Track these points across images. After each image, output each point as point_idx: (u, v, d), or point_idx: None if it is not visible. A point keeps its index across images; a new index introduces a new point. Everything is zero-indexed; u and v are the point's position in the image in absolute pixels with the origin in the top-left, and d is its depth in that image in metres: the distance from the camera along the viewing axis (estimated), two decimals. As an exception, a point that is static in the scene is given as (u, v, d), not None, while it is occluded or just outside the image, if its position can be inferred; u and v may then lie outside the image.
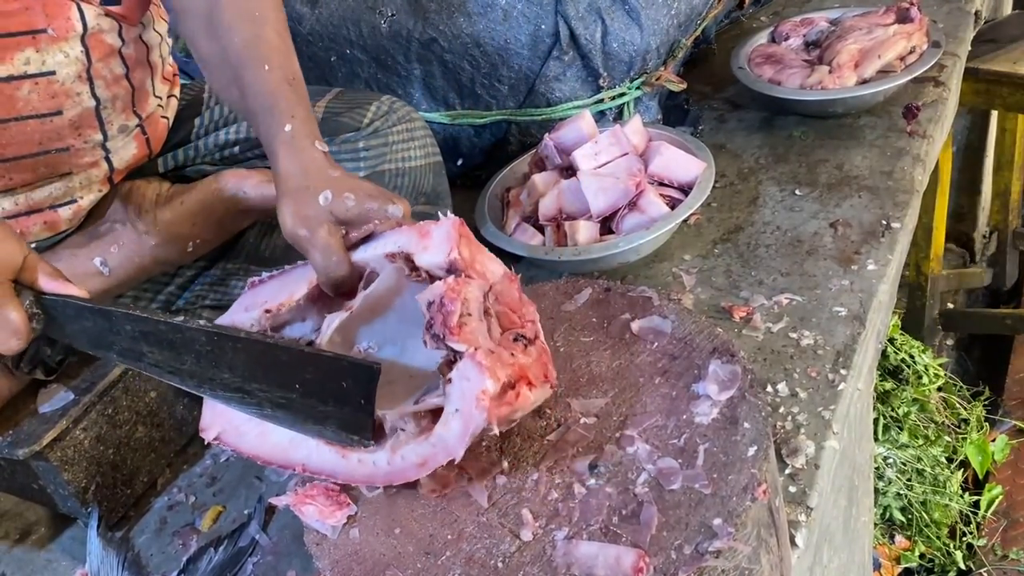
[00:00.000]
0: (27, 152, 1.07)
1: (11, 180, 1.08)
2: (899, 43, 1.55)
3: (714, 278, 1.30)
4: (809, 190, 1.45)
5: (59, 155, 1.10)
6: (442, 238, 0.86)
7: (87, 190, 1.15)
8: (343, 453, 0.85)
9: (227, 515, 1.16)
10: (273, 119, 0.97)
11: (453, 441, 0.79)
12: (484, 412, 0.77)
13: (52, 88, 1.05)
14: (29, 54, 1.02)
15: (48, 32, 1.03)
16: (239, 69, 1.02)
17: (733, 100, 1.76)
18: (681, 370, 0.88)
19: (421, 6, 1.56)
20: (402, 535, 0.80)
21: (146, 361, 0.85)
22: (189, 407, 1.29)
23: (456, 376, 0.80)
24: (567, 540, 0.75)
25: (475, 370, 0.79)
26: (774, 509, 0.80)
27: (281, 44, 1.05)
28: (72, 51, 1.06)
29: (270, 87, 0.99)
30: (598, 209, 1.30)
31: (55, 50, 1.04)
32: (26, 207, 1.12)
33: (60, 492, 1.15)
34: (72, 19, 1.05)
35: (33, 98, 1.04)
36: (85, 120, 1.10)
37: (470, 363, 0.79)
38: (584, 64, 1.54)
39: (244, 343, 0.83)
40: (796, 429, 1.04)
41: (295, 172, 0.93)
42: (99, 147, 1.14)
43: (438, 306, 0.82)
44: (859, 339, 1.15)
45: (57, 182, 1.12)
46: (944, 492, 2.05)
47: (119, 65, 1.13)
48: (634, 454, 0.81)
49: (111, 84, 1.12)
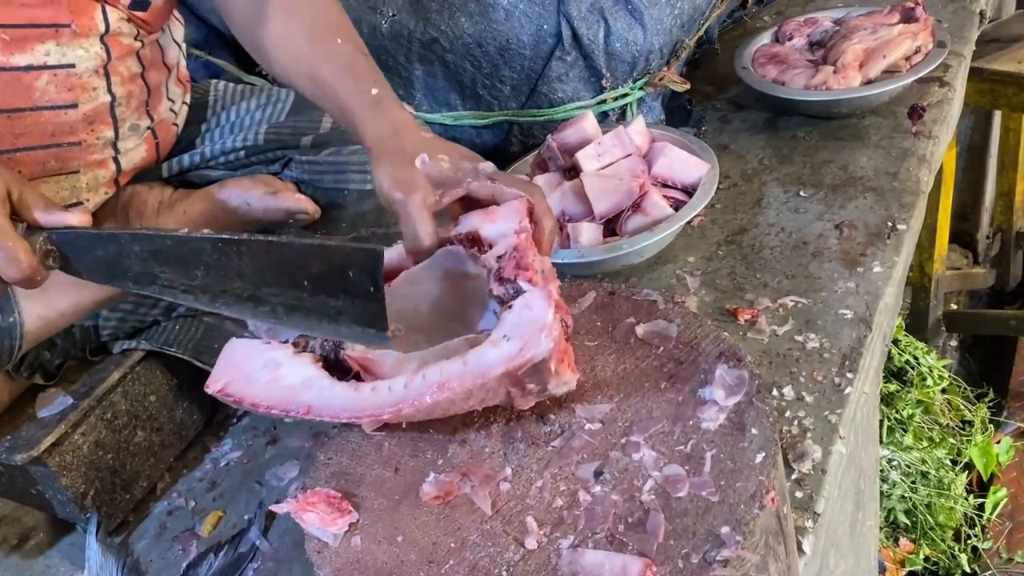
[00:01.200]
0: (39, 143, 1.07)
1: (19, 172, 1.07)
2: (904, 43, 1.54)
3: (718, 280, 1.29)
4: (814, 191, 1.43)
5: (70, 149, 1.09)
6: (511, 210, 0.90)
7: (94, 192, 1.15)
8: (356, 387, 0.84)
9: (227, 520, 1.15)
10: (357, 85, 1.00)
11: (493, 363, 0.78)
12: (552, 336, 0.77)
13: (70, 80, 1.05)
14: (50, 47, 1.03)
15: (71, 28, 1.03)
16: (310, 45, 1.05)
17: (736, 100, 1.74)
18: (687, 375, 0.87)
19: (422, 6, 1.55)
20: (405, 543, 0.79)
21: (160, 283, 0.85)
22: (189, 411, 1.28)
23: (519, 304, 0.81)
24: (572, 548, 0.74)
25: (542, 301, 0.79)
26: (782, 516, 0.79)
27: (344, 19, 1.09)
28: (92, 47, 1.06)
29: (346, 56, 1.03)
30: (601, 211, 1.29)
31: (75, 45, 1.04)
32: None
33: (59, 497, 1.14)
34: (96, 18, 1.05)
35: (50, 89, 1.04)
36: (99, 116, 1.10)
37: (537, 293, 0.80)
38: (587, 64, 1.53)
39: (248, 244, 0.83)
40: (802, 433, 1.03)
41: (388, 135, 0.95)
42: (110, 145, 1.14)
43: (511, 252, 0.85)
44: (865, 342, 1.14)
45: (64, 180, 1.11)
46: (949, 495, 2.04)
47: (136, 64, 1.13)
48: (640, 461, 0.80)
49: (127, 81, 1.12)
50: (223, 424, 1.32)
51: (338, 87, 1.01)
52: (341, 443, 0.92)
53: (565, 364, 0.82)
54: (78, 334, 1.19)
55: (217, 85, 1.36)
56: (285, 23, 1.07)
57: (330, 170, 1.23)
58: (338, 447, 0.92)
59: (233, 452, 1.25)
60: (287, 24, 1.07)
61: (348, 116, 1.00)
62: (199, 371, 1.22)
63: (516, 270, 0.85)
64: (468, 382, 0.79)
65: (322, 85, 1.03)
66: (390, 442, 0.90)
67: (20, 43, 1.01)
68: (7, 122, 1.03)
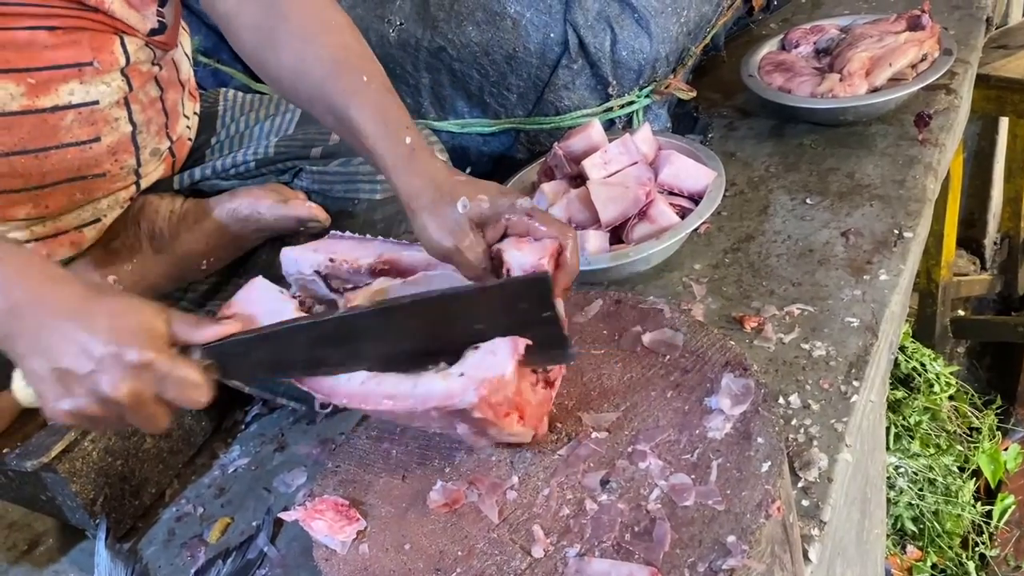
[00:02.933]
0: (65, 178, 1.08)
1: (47, 208, 1.09)
2: (911, 51, 1.54)
3: (724, 288, 1.29)
4: (820, 199, 1.44)
5: (95, 180, 1.11)
6: (540, 247, 0.88)
7: (113, 209, 1.17)
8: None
9: (235, 527, 1.15)
10: (388, 132, 0.94)
11: (431, 394, 0.79)
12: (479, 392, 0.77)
13: (93, 116, 1.06)
14: (74, 86, 1.04)
15: (94, 65, 1.04)
16: (329, 82, 0.96)
17: (743, 108, 1.75)
18: (693, 384, 0.87)
19: (430, 15, 1.56)
20: (412, 551, 0.80)
21: (328, 365, 0.83)
22: (197, 418, 1.29)
23: (485, 347, 0.81)
24: (579, 557, 0.75)
25: (507, 350, 0.79)
26: (788, 525, 0.80)
27: (366, 51, 1.01)
28: (114, 82, 1.07)
29: (374, 98, 0.95)
30: (608, 218, 1.29)
31: (98, 81, 1.05)
32: (54, 230, 1.13)
33: (68, 504, 1.14)
34: (116, 52, 1.06)
35: (75, 126, 1.05)
36: (122, 146, 1.11)
37: (506, 343, 0.80)
38: (593, 72, 1.54)
39: (411, 307, 0.82)
40: (809, 442, 1.03)
41: (425, 186, 0.91)
42: (132, 172, 1.15)
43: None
44: (872, 350, 1.14)
45: (87, 206, 1.13)
46: (956, 502, 2.03)
47: (154, 88, 1.14)
48: (646, 469, 0.80)
49: (147, 108, 1.13)
50: (231, 431, 1.33)
51: (367, 132, 0.94)
52: (349, 451, 0.93)
53: (512, 419, 0.81)
54: (87, 342, 1.20)
55: (226, 94, 1.37)
56: (301, 53, 0.98)
57: (340, 180, 1.23)
58: (346, 455, 0.92)
59: (241, 459, 1.26)
60: (304, 54, 0.98)
61: (379, 163, 0.95)
62: (208, 378, 1.23)
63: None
64: (409, 404, 0.79)
65: (349, 126, 0.95)
66: (397, 450, 0.91)
67: (45, 86, 1.01)
68: (34, 162, 1.04)
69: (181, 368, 0.76)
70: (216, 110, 1.33)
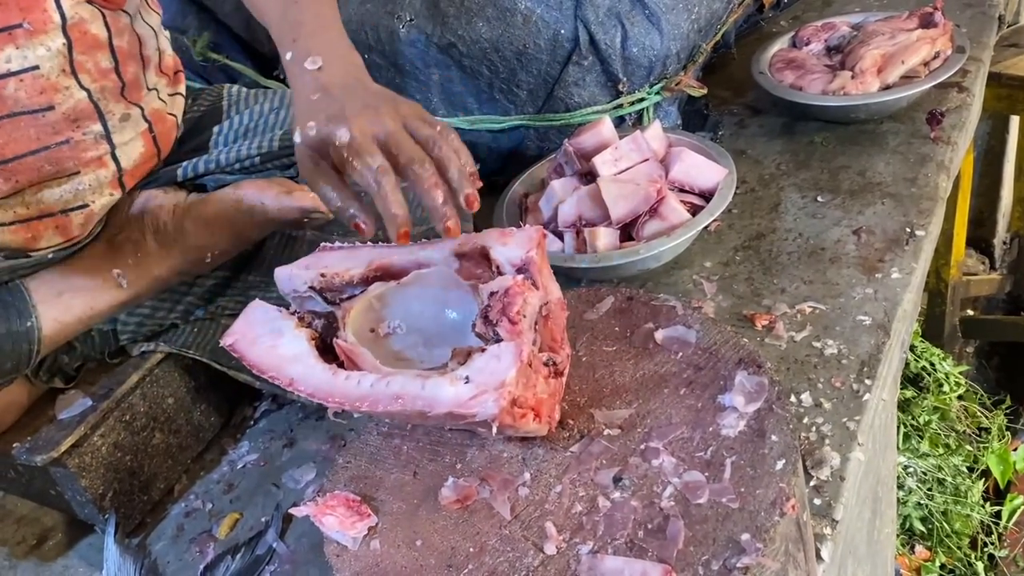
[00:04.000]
0: (27, 150, 1.04)
1: (17, 182, 1.06)
2: (923, 48, 1.53)
3: (735, 286, 1.29)
4: (831, 197, 1.43)
5: (59, 149, 1.07)
6: (524, 237, 0.88)
7: (98, 193, 1.13)
8: (334, 371, 0.85)
9: (244, 522, 1.15)
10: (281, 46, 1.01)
11: (443, 400, 0.78)
12: (498, 404, 0.77)
13: (39, 83, 1.02)
14: (9, 52, 0.99)
15: (24, 26, 0.99)
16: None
17: (753, 105, 1.74)
18: (707, 381, 0.87)
19: (439, 11, 1.55)
20: (424, 547, 0.79)
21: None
22: (206, 413, 1.29)
23: (491, 352, 0.80)
24: (592, 554, 0.74)
25: (511, 356, 0.79)
26: (802, 523, 0.79)
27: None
28: (54, 44, 1.02)
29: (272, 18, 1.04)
30: (618, 216, 1.29)
31: (35, 44, 1.01)
32: (37, 211, 1.10)
33: (77, 499, 1.14)
34: (48, 10, 1.01)
35: (21, 95, 1.01)
36: (81, 112, 1.07)
37: (510, 348, 0.79)
38: (603, 69, 1.53)
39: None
40: (820, 440, 1.03)
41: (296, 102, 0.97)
42: (103, 139, 1.11)
43: (502, 295, 0.83)
44: (884, 348, 1.14)
45: (66, 183, 1.10)
46: (965, 502, 2.03)
47: (107, 59, 1.09)
48: (659, 467, 0.80)
49: (97, 78, 1.09)
50: (240, 426, 1.33)
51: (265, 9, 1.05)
52: (360, 446, 0.92)
53: (528, 418, 0.81)
54: (97, 338, 1.20)
55: (231, 89, 1.36)
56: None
57: None
58: (356, 450, 0.92)
59: (250, 454, 1.26)
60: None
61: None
62: (217, 373, 1.23)
63: (501, 315, 0.83)
64: (419, 405, 0.79)
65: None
66: (408, 446, 0.91)
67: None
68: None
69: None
70: (220, 105, 1.32)
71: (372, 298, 0.93)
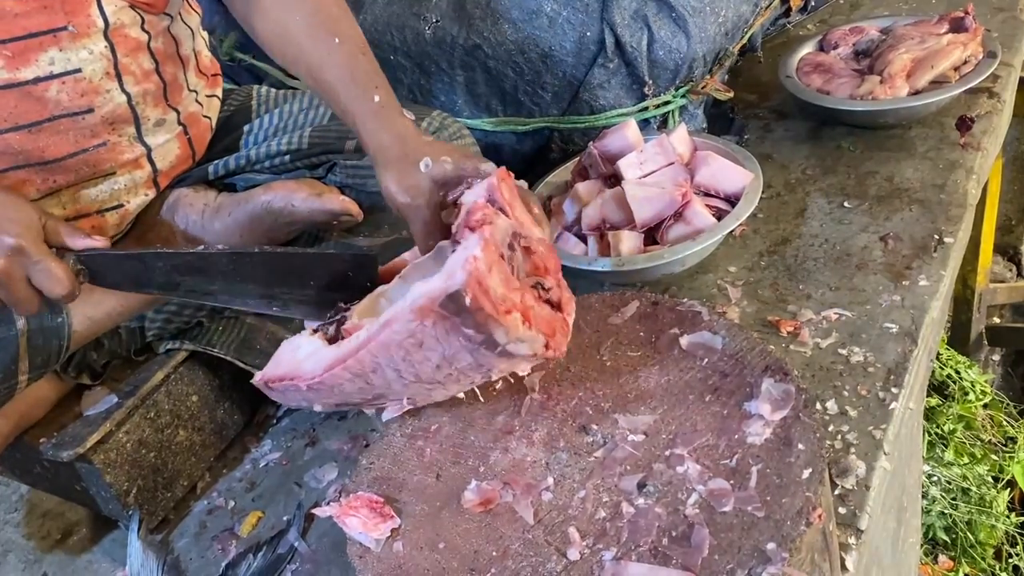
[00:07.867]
0: (66, 152, 1.07)
1: (55, 182, 1.08)
2: (954, 53, 1.51)
3: (760, 291, 1.28)
4: (858, 202, 1.42)
5: (97, 151, 1.09)
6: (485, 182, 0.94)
7: (133, 193, 1.15)
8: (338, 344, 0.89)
9: (266, 521, 1.16)
10: (357, 91, 1.03)
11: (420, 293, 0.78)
12: (465, 269, 0.76)
13: (80, 86, 1.05)
14: (53, 54, 1.02)
15: (69, 29, 1.02)
16: (310, 43, 1.07)
17: (779, 109, 1.73)
18: (732, 388, 0.86)
19: (466, 12, 1.55)
20: (446, 550, 0.79)
21: (182, 289, 0.96)
22: (230, 411, 1.29)
23: (459, 247, 0.82)
24: (615, 561, 0.74)
25: (475, 240, 0.79)
26: (828, 533, 0.78)
27: (344, 15, 1.10)
28: (96, 47, 1.05)
29: (347, 58, 1.05)
30: (643, 219, 1.28)
31: (78, 47, 1.03)
32: (74, 211, 1.12)
33: (102, 494, 1.15)
34: (92, 14, 1.03)
35: (63, 98, 1.04)
36: (119, 116, 1.10)
37: (473, 236, 0.81)
38: (629, 72, 1.52)
39: (261, 256, 0.96)
40: (846, 449, 1.02)
41: (392, 142, 1.00)
42: (137, 141, 1.13)
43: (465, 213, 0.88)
44: (911, 357, 1.12)
45: (102, 183, 1.12)
46: (990, 512, 2.00)
47: (148, 60, 1.12)
48: (684, 474, 0.79)
49: (141, 80, 1.11)
50: (263, 425, 1.33)
51: (340, 91, 1.04)
52: (383, 448, 0.92)
53: (515, 318, 0.80)
54: (124, 335, 1.21)
55: (259, 91, 1.37)
56: (281, 17, 1.08)
57: (373, 175, 1.23)
58: (380, 452, 0.92)
59: (272, 453, 1.26)
60: (283, 18, 1.08)
61: (351, 121, 1.04)
62: (241, 371, 1.23)
63: (466, 229, 0.86)
64: (405, 316, 0.79)
65: (324, 87, 1.06)
66: (431, 448, 0.91)
67: (23, 56, 1.00)
68: (29, 137, 1.04)
69: (49, 260, 0.89)
70: (250, 104, 1.33)
71: (374, 298, 0.96)
